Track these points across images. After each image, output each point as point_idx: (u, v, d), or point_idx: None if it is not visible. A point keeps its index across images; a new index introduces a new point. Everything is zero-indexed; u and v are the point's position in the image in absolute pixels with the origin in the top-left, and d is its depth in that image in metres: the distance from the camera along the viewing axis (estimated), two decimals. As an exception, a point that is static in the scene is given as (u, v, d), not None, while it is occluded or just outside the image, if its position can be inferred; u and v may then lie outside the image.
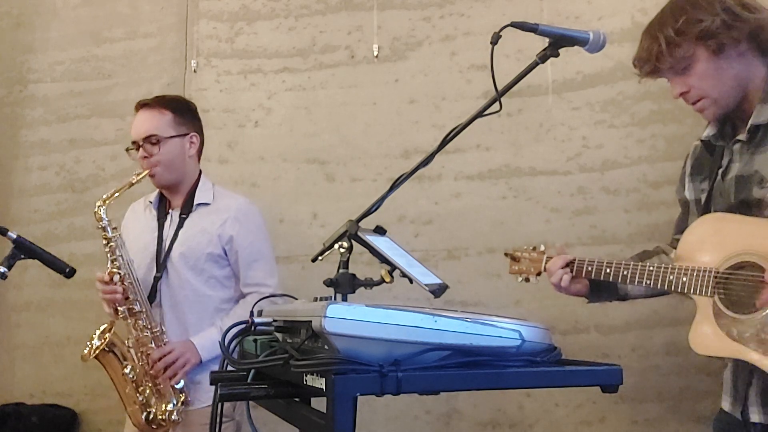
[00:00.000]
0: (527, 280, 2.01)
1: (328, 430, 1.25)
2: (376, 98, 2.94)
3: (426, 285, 1.54)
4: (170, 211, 2.54)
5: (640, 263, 1.79)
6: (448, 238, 2.81)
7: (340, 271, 1.50)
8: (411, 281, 1.54)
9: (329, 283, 1.49)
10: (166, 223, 2.52)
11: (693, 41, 1.73)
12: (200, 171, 2.59)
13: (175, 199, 2.55)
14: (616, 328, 2.61)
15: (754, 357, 1.60)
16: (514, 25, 1.69)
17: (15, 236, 2.23)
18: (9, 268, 2.22)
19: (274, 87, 3.05)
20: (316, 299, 1.46)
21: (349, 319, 1.30)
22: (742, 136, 1.77)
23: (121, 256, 2.40)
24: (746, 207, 1.71)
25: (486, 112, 1.69)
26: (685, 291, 1.71)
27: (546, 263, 1.94)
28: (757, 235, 1.64)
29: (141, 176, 2.41)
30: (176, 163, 2.49)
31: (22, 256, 2.25)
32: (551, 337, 1.60)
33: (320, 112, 3.00)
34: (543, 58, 1.71)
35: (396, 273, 1.53)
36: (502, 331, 1.46)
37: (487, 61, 1.66)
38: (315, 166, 2.98)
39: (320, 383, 1.29)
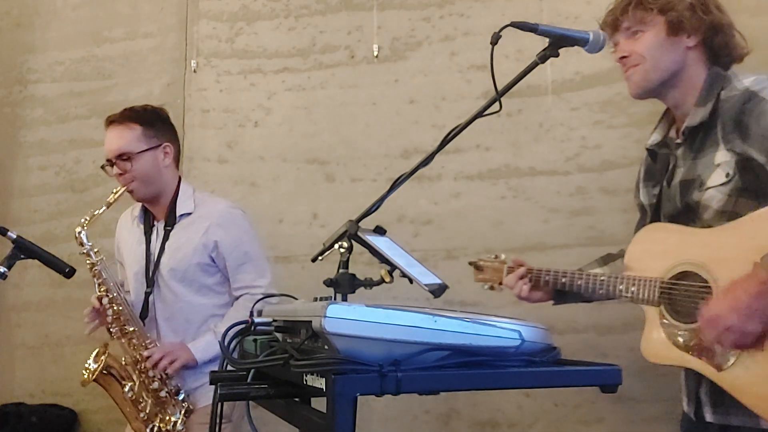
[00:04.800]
0: (492, 288, 2.07)
1: (328, 430, 1.25)
2: (376, 98, 2.95)
3: (426, 285, 1.54)
4: (155, 223, 2.53)
5: (593, 274, 1.85)
6: (448, 238, 2.81)
7: (340, 271, 1.51)
8: (411, 281, 1.54)
9: (329, 283, 1.50)
10: (153, 237, 2.51)
11: (657, 10, 1.78)
12: (179, 178, 2.56)
13: (158, 211, 2.53)
14: (615, 328, 2.62)
15: (697, 365, 1.65)
16: (514, 25, 1.69)
17: (15, 236, 2.24)
18: (9, 268, 2.22)
19: (274, 87, 3.06)
20: (316, 299, 1.46)
21: (349, 319, 1.30)
22: (679, 139, 1.81)
23: (107, 279, 2.40)
24: (690, 210, 1.76)
25: (486, 112, 1.69)
26: (635, 300, 1.77)
27: (506, 273, 2.00)
28: (694, 244, 1.69)
29: (118, 194, 2.41)
30: (152, 176, 2.46)
31: (22, 256, 2.26)
32: (550, 337, 1.60)
33: (320, 112, 3.00)
34: (543, 58, 1.72)
35: (396, 273, 1.53)
36: (502, 331, 1.46)
37: (487, 61, 1.66)
38: (315, 166, 2.98)
39: (320, 383, 1.29)
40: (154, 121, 2.51)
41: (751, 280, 1.51)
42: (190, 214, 2.50)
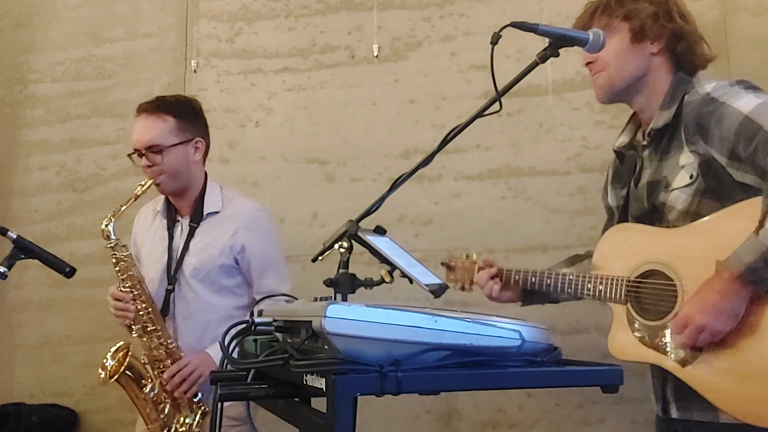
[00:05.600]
0: (463, 288, 2.09)
1: (328, 430, 1.25)
2: (376, 98, 2.94)
3: (426, 285, 1.54)
4: (179, 219, 2.47)
5: (562, 273, 1.89)
6: (448, 238, 2.81)
7: (340, 271, 1.50)
8: (411, 281, 1.54)
9: (329, 283, 1.49)
10: (176, 233, 2.45)
11: (621, 17, 1.83)
12: (206, 174, 2.50)
13: (183, 206, 2.47)
14: (616, 328, 2.61)
15: (665, 362, 1.70)
16: (514, 25, 1.69)
17: (15, 236, 2.23)
18: (9, 268, 2.21)
19: (274, 87, 3.06)
20: (316, 299, 1.46)
21: (349, 319, 1.30)
22: (645, 142, 1.86)
23: (133, 275, 2.35)
24: (656, 211, 1.81)
25: (486, 112, 1.69)
26: (602, 299, 1.82)
27: (477, 273, 2.03)
28: (660, 244, 1.74)
29: (146, 187, 2.34)
30: (181, 171, 2.39)
31: (22, 256, 2.25)
32: (551, 337, 1.60)
33: (320, 112, 3.00)
34: (543, 58, 1.71)
35: (396, 273, 1.52)
36: (503, 331, 1.46)
37: (487, 61, 1.66)
38: (315, 166, 2.98)
39: (320, 383, 1.29)
40: (188, 114, 2.43)
41: (716, 281, 1.57)
42: (217, 213, 2.44)
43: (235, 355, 1.67)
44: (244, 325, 1.66)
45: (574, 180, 2.71)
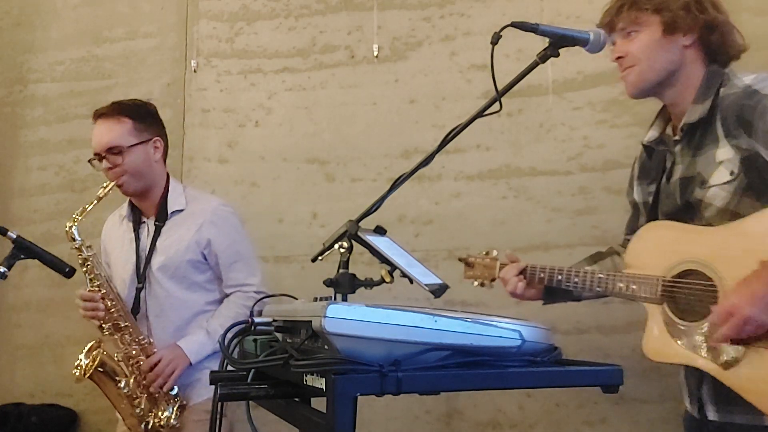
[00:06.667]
0: (482, 285, 2.04)
1: (328, 430, 1.25)
2: (376, 98, 2.94)
3: (426, 285, 1.54)
4: (145, 220, 2.52)
5: (590, 271, 1.84)
6: (449, 238, 2.81)
7: (340, 271, 1.50)
8: (411, 281, 1.54)
9: (329, 283, 1.49)
10: (143, 233, 2.50)
11: (651, 10, 1.78)
12: (168, 174, 2.55)
13: (147, 207, 2.52)
14: (617, 328, 2.61)
15: (702, 363, 1.64)
16: (514, 25, 1.69)
17: (15, 236, 2.23)
18: (9, 268, 2.22)
19: (274, 87, 3.05)
20: (316, 299, 1.46)
21: (349, 319, 1.30)
22: (677, 136, 1.81)
23: (100, 273, 2.39)
24: (690, 208, 1.75)
25: (486, 112, 1.69)
26: (636, 298, 1.76)
27: (499, 269, 1.98)
28: (697, 243, 1.68)
29: (108, 188, 2.39)
30: (143, 171, 2.44)
31: (22, 256, 2.25)
32: (552, 337, 1.60)
33: (320, 112, 3.00)
34: (543, 58, 1.72)
35: (396, 273, 1.52)
36: (503, 331, 1.46)
37: (487, 61, 1.66)
38: (315, 166, 2.98)
39: (320, 383, 1.29)
40: (144, 116, 2.49)
41: (766, 273, 1.51)
42: (181, 210, 2.49)
43: (235, 355, 1.66)
44: (244, 325, 1.66)
45: (576, 180, 2.70)
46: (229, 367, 1.64)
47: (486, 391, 2.55)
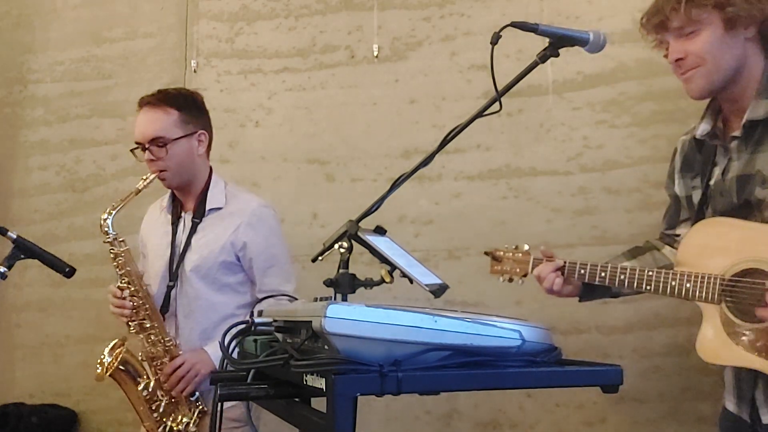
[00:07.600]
0: (510, 280, 1.96)
1: (328, 430, 1.25)
2: (376, 98, 2.94)
3: (426, 285, 1.54)
4: (183, 214, 2.44)
5: (638, 268, 1.75)
6: (449, 238, 2.81)
7: (340, 271, 1.50)
8: (411, 281, 1.54)
9: (329, 283, 1.49)
10: (179, 228, 2.42)
11: (711, 6, 1.68)
12: (210, 169, 2.47)
13: (188, 201, 2.45)
14: (617, 328, 2.61)
15: (761, 365, 1.58)
16: (514, 25, 1.69)
17: (15, 236, 2.22)
18: (9, 268, 2.21)
19: (275, 87, 3.05)
20: (316, 299, 1.46)
21: (349, 319, 1.29)
22: (737, 132, 1.74)
23: (130, 270, 2.32)
24: (749, 207, 1.69)
25: (486, 112, 1.69)
26: (690, 297, 1.67)
27: (533, 266, 1.90)
28: (762, 242, 1.61)
29: (149, 181, 2.31)
30: (185, 164, 2.36)
31: (22, 256, 2.24)
32: (552, 338, 1.59)
33: (320, 112, 3.00)
34: (543, 58, 1.71)
35: (396, 273, 1.52)
36: (503, 331, 1.46)
37: (487, 61, 1.66)
38: (315, 166, 2.98)
39: (320, 383, 1.28)
40: (191, 107, 2.40)
41: None
42: (220, 209, 2.41)
43: (235, 355, 1.66)
44: (244, 325, 1.65)
45: (576, 180, 2.70)
46: (230, 367, 1.64)
47: (486, 391, 2.55)
